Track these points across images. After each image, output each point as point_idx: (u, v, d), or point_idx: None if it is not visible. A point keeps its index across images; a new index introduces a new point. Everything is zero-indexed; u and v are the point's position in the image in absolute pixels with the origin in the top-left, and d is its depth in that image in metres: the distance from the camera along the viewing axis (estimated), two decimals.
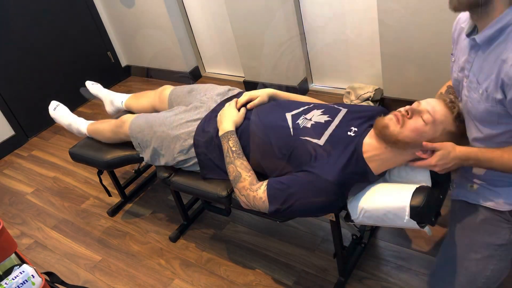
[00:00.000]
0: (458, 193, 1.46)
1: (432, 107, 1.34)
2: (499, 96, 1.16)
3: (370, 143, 1.43)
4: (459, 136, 1.37)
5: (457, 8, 1.17)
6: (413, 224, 1.32)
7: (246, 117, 1.68)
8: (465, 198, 1.43)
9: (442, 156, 1.29)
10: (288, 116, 1.59)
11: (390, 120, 1.37)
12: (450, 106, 1.35)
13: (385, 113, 1.58)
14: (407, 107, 1.37)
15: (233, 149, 1.57)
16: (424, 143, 1.31)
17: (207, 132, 1.70)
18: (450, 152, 1.28)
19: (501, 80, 1.14)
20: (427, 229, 1.35)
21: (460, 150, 1.29)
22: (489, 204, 1.36)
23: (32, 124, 3.39)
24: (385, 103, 2.59)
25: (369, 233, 1.88)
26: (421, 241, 1.83)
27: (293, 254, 1.93)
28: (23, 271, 1.20)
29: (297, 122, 1.55)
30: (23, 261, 1.30)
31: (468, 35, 1.26)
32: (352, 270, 1.80)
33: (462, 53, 1.33)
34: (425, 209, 1.29)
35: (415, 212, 1.30)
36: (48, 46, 3.40)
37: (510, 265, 1.40)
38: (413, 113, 1.34)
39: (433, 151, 1.30)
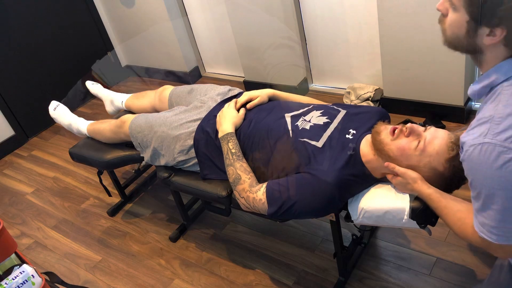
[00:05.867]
0: None
1: (432, 137, 1.27)
2: None
3: (363, 149, 1.42)
4: (447, 178, 1.28)
5: (450, 47, 1.08)
6: (413, 225, 1.32)
7: (246, 117, 1.68)
8: None
9: (400, 183, 1.32)
10: (288, 117, 1.59)
11: (385, 129, 1.36)
12: (450, 145, 1.25)
13: (384, 115, 1.58)
14: (414, 126, 1.31)
15: (233, 151, 1.56)
16: (386, 163, 1.32)
17: (207, 133, 1.70)
18: (408, 183, 1.30)
19: None
20: (427, 229, 1.35)
21: (419, 186, 1.27)
22: None
23: (32, 124, 3.39)
24: (385, 103, 2.59)
25: (369, 233, 1.88)
26: (421, 241, 1.83)
27: (293, 254, 1.93)
28: (23, 271, 1.20)
29: (296, 124, 1.55)
30: (23, 261, 1.31)
31: None
32: (352, 270, 1.80)
33: None
34: (425, 209, 1.29)
35: (415, 212, 1.30)
36: (48, 46, 3.40)
37: None
38: (411, 133, 1.30)
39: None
